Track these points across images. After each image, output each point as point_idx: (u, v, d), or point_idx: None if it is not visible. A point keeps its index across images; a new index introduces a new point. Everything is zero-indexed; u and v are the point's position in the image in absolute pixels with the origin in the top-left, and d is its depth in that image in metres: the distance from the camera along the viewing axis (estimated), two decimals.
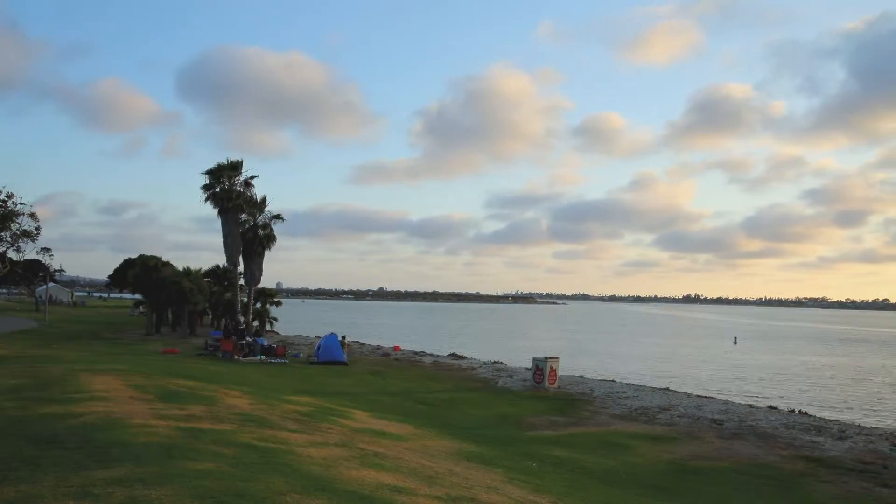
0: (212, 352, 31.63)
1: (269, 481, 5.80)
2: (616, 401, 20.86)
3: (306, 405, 14.19)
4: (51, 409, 9.37)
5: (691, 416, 18.26)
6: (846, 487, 11.70)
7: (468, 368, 29.99)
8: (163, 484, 5.22)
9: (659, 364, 46.79)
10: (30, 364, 18.01)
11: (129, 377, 14.42)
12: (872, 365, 51.35)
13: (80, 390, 11.55)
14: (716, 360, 51.07)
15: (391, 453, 9.24)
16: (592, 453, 13.53)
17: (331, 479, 6.41)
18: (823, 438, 15.78)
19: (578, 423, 17.25)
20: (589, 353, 54.20)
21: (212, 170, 41.83)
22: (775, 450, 14.51)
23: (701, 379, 37.82)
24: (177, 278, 45.30)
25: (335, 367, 28.68)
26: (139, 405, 10.22)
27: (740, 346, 68.27)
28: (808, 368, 46.39)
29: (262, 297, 53.93)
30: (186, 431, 8.11)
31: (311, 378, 24.05)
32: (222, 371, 22.29)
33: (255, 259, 43.51)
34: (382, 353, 37.87)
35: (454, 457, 10.72)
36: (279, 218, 44.71)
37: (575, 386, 24.36)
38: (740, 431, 16.42)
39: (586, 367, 35.99)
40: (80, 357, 22.53)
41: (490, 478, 8.96)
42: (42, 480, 5.27)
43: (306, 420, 11.52)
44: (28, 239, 61.54)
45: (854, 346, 76.26)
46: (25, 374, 14.61)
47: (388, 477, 7.09)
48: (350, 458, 7.97)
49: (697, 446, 14.71)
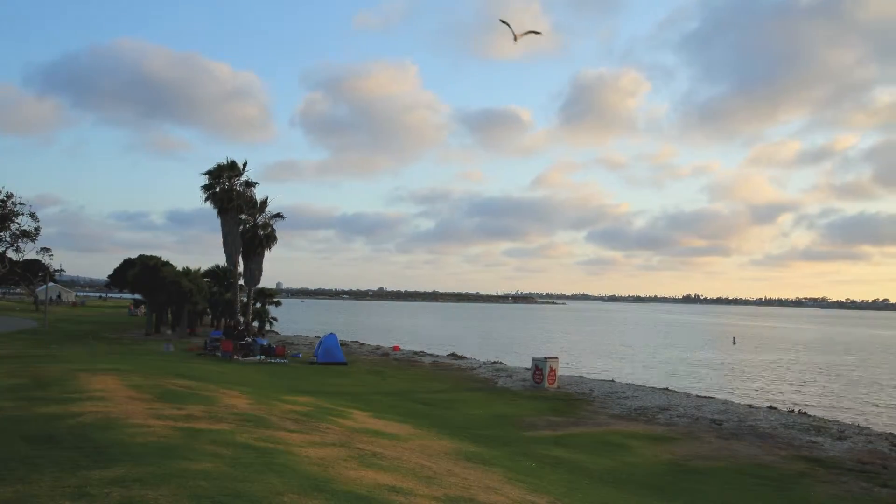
0: (211, 352, 31.62)
1: (267, 482, 5.80)
2: (616, 401, 20.85)
3: (305, 405, 14.18)
4: (49, 409, 9.36)
5: (691, 416, 18.26)
6: (845, 488, 11.69)
7: (468, 368, 30.00)
8: (160, 484, 5.22)
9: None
10: (28, 364, 18.00)
11: (127, 377, 14.41)
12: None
13: (78, 390, 11.54)
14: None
15: (390, 453, 9.22)
16: (591, 453, 13.52)
17: (328, 480, 6.40)
18: (823, 438, 15.78)
19: (577, 423, 17.24)
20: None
21: (211, 170, 41.83)
22: (774, 450, 14.50)
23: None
24: (176, 278, 45.30)
25: (335, 367, 28.67)
26: (137, 405, 10.21)
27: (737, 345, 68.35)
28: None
29: (262, 297, 53.94)
30: (184, 431, 8.10)
31: (311, 378, 24.04)
32: (221, 371, 22.29)
33: (254, 259, 43.53)
34: (382, 353, 37.89)
35: (453, 457, 10.71)
36: (279, 217, 44.78)
37: (574, 386, 24.35)
38: (739, 431, 16.42)
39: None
40: (79, 357, 22.53)
41: (489, 478, 8.95)
42: (39, 480, 5.26)
43: (305, 420, 11.51)
44: (27, 239, 61.55)
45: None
46: (24, 374, 14.60)
47: (386, 477, 7.09)
48: (348, 459, 7.96)
49: (696, 446, 14.70)
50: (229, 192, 41.54)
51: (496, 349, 52.17)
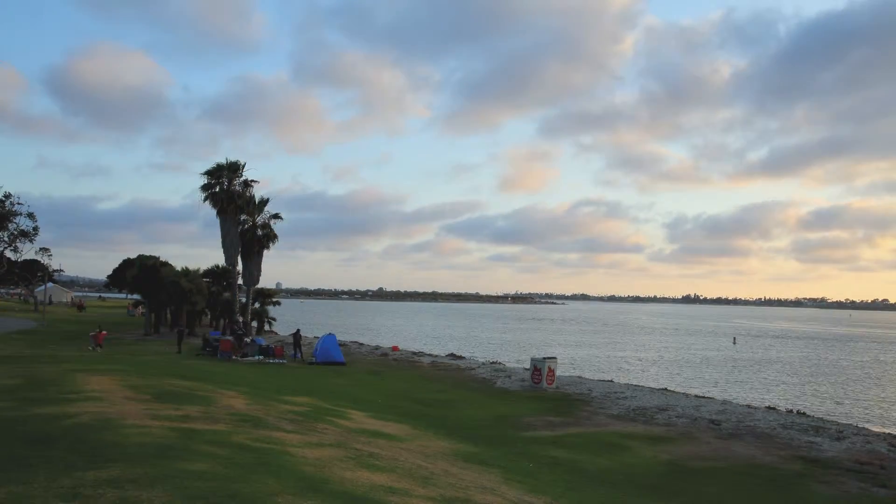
0: (210, 352, 31.60)
1: (262, 482, 5.78)
2: (614, 401, 20.83)
3: (303, 405, 14.16)
4: (45, 409, 9.33)
5: (689, 417, 18.23)
6: (843, 488, 11.67)
7: (467, 369, 29.96)
8: (154, 485, 5.20)
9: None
10: (26, 364, 17.96)
11: (125, 377, 14.38)
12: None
13: (75, 391, 11.50)
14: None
15: (387, 454, 9.20)
16: (590, 454, 13.50)
17: (324, 480, 6.38)
18: (821, 439, 15.76)
19: (576, 424, 17.22)
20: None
21: (211, 170, 41.79)
22: (773, 450, 14.49)
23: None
24: (175, 278, 45.27)
25: (334, 368, 28.65)
26: (134, 405, 10.18)
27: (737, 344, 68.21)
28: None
29: (261, 297, 53.89)
30: (181, 432, 8.08)
31: (309, 378, 24.01)
32: (220, 371, 22.24)
33: (253, 259, 43.50)
34: (381, 353, 37.85)
35: (451, 457, 10.70)
36: (278, 217, 44.77)
37: (573, 386, 24.33)
38: (738, 432, 16.40)
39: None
40: (78, 357, 22.49)
41: (486, 478, 8.94)
42: (33, 481, 5.24)
43: (302, 420, 11.48)
44: (26, 239, 61.45)
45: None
46: (22, 375, 14.57)
47: (383, 477, 7.07)
48: (345, 459, 7.94)
49: (695, 447, 14.68)
50: (229, 192, 41.51)
51: (496, 349, 52.10)
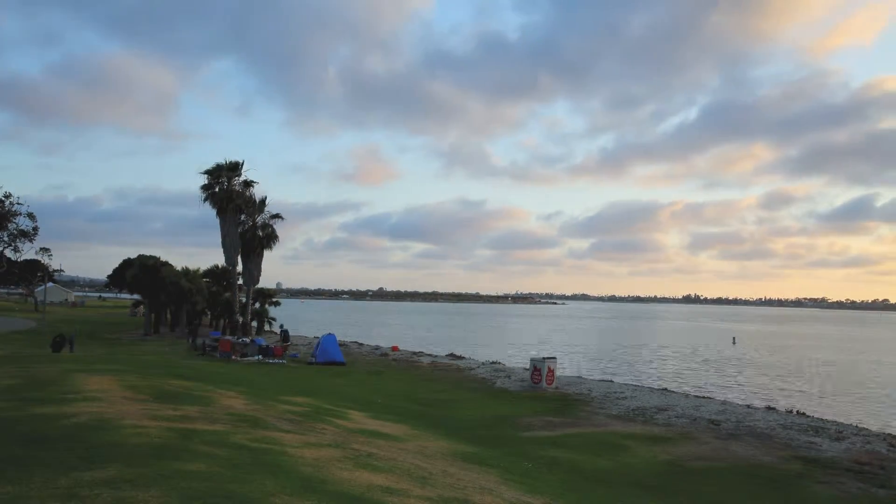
0: (209, 352, 31.60)
1: (260, 482, 5.76)
2: (614, 401, 20.82)
3: (302, 406, 14.14)
4: (43, 409, 9.31)
5: (689, 417, 18.22)
6: (843, 488, 11.66)
7: (466, 369, 29.95)
8: (151, 485, 5.18)
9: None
10: (25, 364, 17.95)
11: (124, 377, 14.36)
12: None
13: (73, 391, 11.48)
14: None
15: (386, 454, 9.19)
16: (589, 454, 13.49)
17: (322, 480, 6.37)
18: (821, 439, 15.75)
19: (575, 424, 17.21)
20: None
21: (210, 170, 41.78)
22: (772, 450, 14.47)
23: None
24: (175, 278, 45.27)
25: (333, 368, 28.64)
26: (132, 406, 10.16)
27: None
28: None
29: (261, 297, 53.90)
30: (179, 432, 8.06)
31: (309, 378, 24.01)
32: (219, 371, 22.23)
33: (253, 259, 43.49)
34: (381, 353, 37.84)
35: (450, 457, 10.69)
36: (279, 217, 44.74)
37: (573, 386, 24.32)
38: (738, 432, 16.39)
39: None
40: (77, 357, 22.48)
41: (485, 478, 8.92)
42: (29, 481, 5.23)
43: (301, 421, 11.47)
44: (25, 239, 61.47)
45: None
46: (21, 375, 14.55)
47: (381, 478, 7.05)
48: (343, 459, 7.92)
49: (694, 447, 14.67)
50: (228, 192, 41.51)
51: (495, 350, 52.12)
